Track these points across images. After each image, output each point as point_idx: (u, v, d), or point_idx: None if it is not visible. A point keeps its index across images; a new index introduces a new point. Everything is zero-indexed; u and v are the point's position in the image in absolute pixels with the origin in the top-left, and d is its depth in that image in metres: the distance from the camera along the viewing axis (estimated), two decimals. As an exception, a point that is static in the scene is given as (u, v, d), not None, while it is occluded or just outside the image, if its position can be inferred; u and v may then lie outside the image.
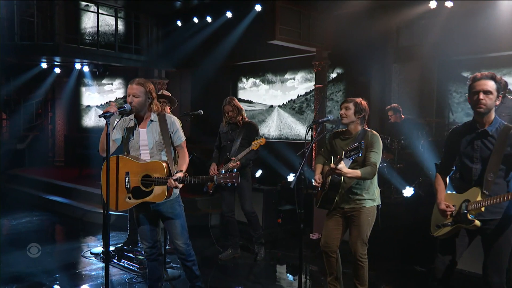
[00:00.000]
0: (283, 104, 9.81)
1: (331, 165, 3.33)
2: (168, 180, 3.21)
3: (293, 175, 6.62)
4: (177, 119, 3.53)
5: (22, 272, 4.58)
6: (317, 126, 6.10)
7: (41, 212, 7.69)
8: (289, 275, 4.89)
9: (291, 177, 6.82)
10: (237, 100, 5.00)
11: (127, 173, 3.29)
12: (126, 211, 4.80)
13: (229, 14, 8.75)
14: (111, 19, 10.47)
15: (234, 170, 3.30)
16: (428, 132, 6.48)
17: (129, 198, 3.31)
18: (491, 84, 2.75)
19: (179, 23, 9.90)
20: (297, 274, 3.90)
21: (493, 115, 2.81)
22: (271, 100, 10.05)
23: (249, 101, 10.41)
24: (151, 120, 3.37)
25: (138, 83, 3.30)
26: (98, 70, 10.12)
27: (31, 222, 7.02)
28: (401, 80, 7.78)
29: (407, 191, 5.76)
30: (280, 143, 8.57)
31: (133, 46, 10.49)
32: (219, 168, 4.86)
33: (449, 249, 2.94)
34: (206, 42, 9.44)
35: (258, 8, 8.04)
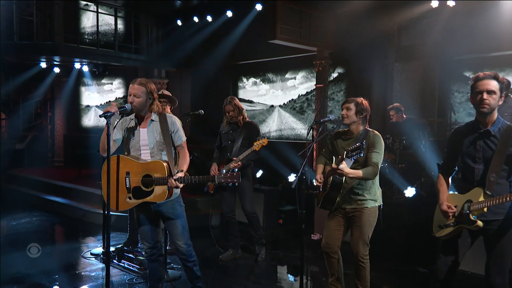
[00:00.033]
0: (284, 104, 9.79)
1: (332, 165, 3.31)
2: (169, 180, 3.19)
3: (294, 176, 6.60)
4: (177, 119, 3.51)
5: (21, 273, 4.56)
6: (318, 126, 6.10)
7: (41, 212, 7.67)
8: (290, 276, 4.87)
9: (292, 178, 6.80)
10: (237, 99, 4.98)
11: (128, 173, 3.27)
12: (126, 212, 4.78)
13: (229, 14, 8.74)
14: (111, 18, 10.46)
15: (235, 170, 3.29)
16: (429, 132, 6.47)
17: (130, 198, 3.29)
18: (494, 84, 2.73)
19: (179, 23, 9.90)
20: (298, 275, 3.89)
21: (495, 115, 2.79)
22: (272, 100, 10.03)
23: (249, 101, 10.39)
24: (152, 120, 3.35)
25: (140, 83, 3.28)
26: (97, 69, 10.09)
27: (31, 223, 7.00)
28: (402, 80, 7.76)
29: (409, 192, 5.75)
30: (281, 143, 8.54)
31: (133, 45, 10.47)
32: (220, 168, 4.84)
33: (451, 250, 2.92)
34: (207, 42, 9.42)
35: (259, 7, 8.02)
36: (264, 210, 6.05)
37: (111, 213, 3.24)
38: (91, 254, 5.24)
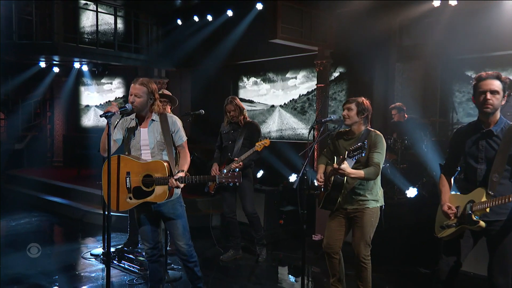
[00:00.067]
0: (285, 103, 9.76)
1: (334, 165, 3.29)
2: (170, 180, 3.17)
3: (295, 176, 6.58)
4: (178, 119, 3.50)
5: (21, 274, 4.55)
6: (319, 126, 6.07)
7: (40, 213, 7.65)
8: (291, 276, 4.86)
9: (293, 178, 6.78)
10: (238, 99, 4.96)
11: (128, 173, 3.26)
12: (126, 212, 4.77)
13: (230, 13, 8.72)
14: (111, 17, 10.43)
15: (236, 170, 3.27)
16: (431, 132, 6.45)
17: (130, 198, 3.27)
18: (497, 84, 2.72)
19: (179, 22, 9.87)
20: (299, 276, 3.88)
21: (498, 115, 2.78)
22: (273, 99, 10.00)
23: (250, 101, 10.36)
24: (153, 120, 3.34)
25: (141, 83, 3.26)
26: (97, 69, 10.07)
27: (30, 223, 6.98)
28: (404, 79, 7.74)
29: (411, 192, 5.73)
30: (282, 143, 8.52)
31: (133, 45, 10.44)
32: (221, 169, 4.82)
33: (453, 251, 2.91)
34: (207, 41, 9.40)
35: (260, 6, 8.00)
36: (265, 211, 6.03)
37: (111, 213, 3.22)
38: (91, 254, 5.22)
